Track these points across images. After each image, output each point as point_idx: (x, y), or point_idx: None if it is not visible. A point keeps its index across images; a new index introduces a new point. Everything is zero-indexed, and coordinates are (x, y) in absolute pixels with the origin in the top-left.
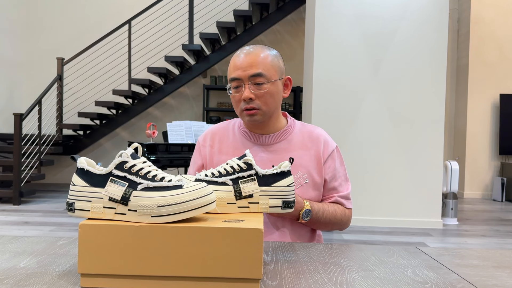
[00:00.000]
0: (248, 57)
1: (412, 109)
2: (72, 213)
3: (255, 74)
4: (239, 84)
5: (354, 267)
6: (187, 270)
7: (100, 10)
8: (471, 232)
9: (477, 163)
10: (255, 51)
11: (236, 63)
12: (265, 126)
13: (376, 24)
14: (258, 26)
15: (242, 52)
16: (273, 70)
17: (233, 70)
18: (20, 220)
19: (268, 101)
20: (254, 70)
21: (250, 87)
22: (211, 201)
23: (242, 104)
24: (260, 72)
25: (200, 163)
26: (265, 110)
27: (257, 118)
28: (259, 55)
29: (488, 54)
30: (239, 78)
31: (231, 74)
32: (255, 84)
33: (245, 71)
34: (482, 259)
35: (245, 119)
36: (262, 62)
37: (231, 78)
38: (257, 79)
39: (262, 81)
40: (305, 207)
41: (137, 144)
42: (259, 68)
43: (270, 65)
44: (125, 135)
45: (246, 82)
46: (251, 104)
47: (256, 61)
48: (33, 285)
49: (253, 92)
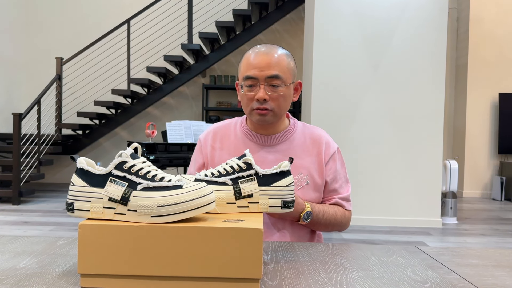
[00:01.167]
0: (266, 57)
1: (411, 108)
2: (72, 213)
3: (272, 75)
4: (254, 83)
5: (354, 266)
6: (187, 270)
7: (99, 10)
8: (470, 231)
9: (476, 162)
10: (272, 52)
11: (253, 62)
12: (271, 127)
13: (375, 23)
14: (257, 25)
15: (260, 50)
16: (288, 73)
17: (249, 68)
18: (20, 220)
19: (281, 104)
20: (271, 72)
21: (265, 88)
22: (210, 201)
23: (254, 104)
24: (278, 74)
25: (201, 162)
26: (277, 112)
27: (268, 118)
28: (277, 57)
29: (487, 53)
30: (255, 78)
31: (246, 72)
32: (271, 85)
33: (262, 71)
34: (482, 258)
35: (255, 118)
36: (280, 64)
37: (246, 76)
38: (273, 81)
39: (279, 84)
40: (306, 209)
41: (136, 144)
42: (277, 70)
43: (287, 68)
44: (125, 135)
45: (262, 83)
46: (265, 105)
47: (275, 62)
48: (33, 285)
49: (268, 94)
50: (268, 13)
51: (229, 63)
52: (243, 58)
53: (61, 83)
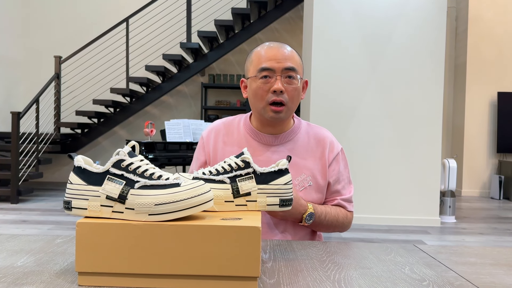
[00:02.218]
0: (283, 50)
1: (410, 107)
2: (69, 211)
3: (289, 67)
4: (270, 75)
5: (352, 265)
6: (185, 268)
7: (97, 9)
8: (468, 230)
9: (475, 161)
10: (285, 46)
11: (269, 54)
12: (279, 126)
13: (374, 22)
14: (256, 24)
15: (274, 44)
16: (301, 68)
17: (266, 59)
18: (18, 219)
19: (295, 98)
20: (288, 63)
21: (282, 79)
22: (208, 199)
23: (270, 96)
24: (294, 67)
25: (203, 159)
26: (290, 106)
27: (282, 115)
28: (290, 50)
29: (486, 52)
30: (272, 69)
31: (262, 63)
32: (287, 77)
33: (280, 63)
34: (480, 256)
35: (268, 115)
36: (294, 58)
37: (262, 67)
38: (290, 72)
39: (294, 76)
40: (309, 210)
41: (134, 142)
42: (292, 63)
43: (299, 63)
44: (123, 134)
45: (279, 74)
46: (280, 97)
47: (291, 56)
48: (31, 284)
49: (284, 86)
50: (267, 12)
51: (228, 62)
52: (252, 53)
53: (60, 82)
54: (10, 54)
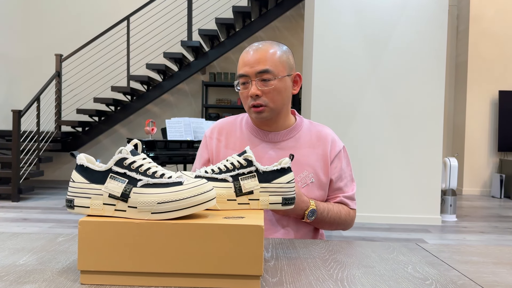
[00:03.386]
0: (256, 53)
1: (411, 105)
2: (72, 209)
3: (262, 70)
4: (247, 81)
5: (354, 263)
6: (187, 267)
7: (98, 7)
8: (469, 229)
9: (476, 160)
10: (263, 47)
11: (245, 60)
12: (273, 123)
13: (375, 20)
14: (257, 22)
15: (251, 48)
16: (281, 66)
17: (241, 66)
18: (19, 217)
19: (275, 98)
20: (261, 67)
21: (257, 83)
22: (211, 197)
23: (250, 101)
24: (267, 69)
25: (207, 157)
26: (272, 107)
27: (264, 115)
28: (267, 51)
29: (487, 51)
30: (246, 75)
31: (239, 70)
32: (262, 80)
33: (252, 68)
34: (482, 255)
35: (253, 115)
36: (270, 58)
37: (239, 74)
38: (263, 75)
39: (269, 78)
40: (311, 206)
41: (136, 141)
42: (267, 65)
43: (278, 61)
44: (124, 132)
45: (253, 79)
46: (258, 100)
47: (264, 57)
48: (33, 282)
49: (260, 89)
50: (268, 10)
51: (228, 60)
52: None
53: (61, 80)
54: (11, 52)
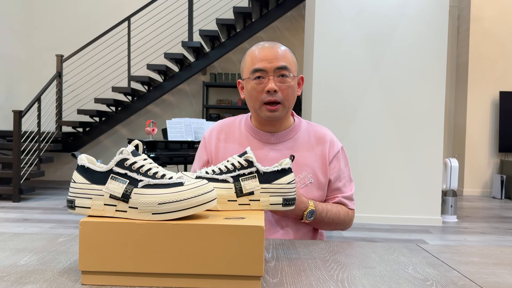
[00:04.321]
0: (273, 49)
1: (411, 106)
2: (73, 210)
3: (281, 66)
4: (263, 75)
5: (355, 264)
6: (188, 268)
7: (99, 7)
8: (470, 230)
9: (476, 161)
10: (277, 45)
11: (261, 54)
12: (276, 124)
13: (376, 20)
14: (257, 23)
15: (264, 45)
16: (294, 66)
17: (258, 60)
18: (20, 217)
19: (290, 96)
20: (280, 63)
21: (275, 79)
22: (212, 198)
23: (265, 96)
24: (286, 65)
25: (206, 158)
26: (286, 104)
27: (277, 114)
28: (282, 49)
29: (487, 51)
30: (264, 69)
31: (255, 64)
32: (280, 76)
33: (271, 63)
34: (483, 256)
35: (264, 114)
36: (286, 56)
37: (255, 68)
38: (282, 71)
39: (287, 74)
40: (310, 207)
41: (137, 141)
42: (285, 61)
43: (292, 61)
44: (125, 132)
45: (271, 74)
46: (275, 96)
47: (282, 54)
48: (34, 282)
49: (278, 85)
50: (269, 10)
51: (229, 61)
52: (246, 55)
53: (61, 81)
54: (12, 52)
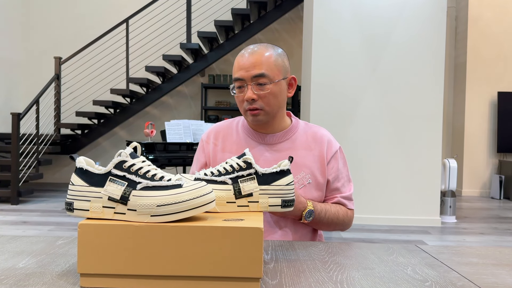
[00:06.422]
0: (252, 57)
1: (410, 107)
2: (71, 212)
3: (257, 74)
4: (242, 84)
5: (354, 265)
6: (187, 270)
7: (97, 9)
8: (469, 230)
9: (475, 161)
10: (259, 51)
11: (240, 63)
12: (269, 126)
13: (374, 22)
14: (256, 24)
15: (247, 51)
16: (276, 70)
17: (237, 70)
18: (19, 220)
19: (271, 102)
20: (256, 71)
21: (253, 87)
22: (210, 200)
23: (246, 104)
24: (263, 73)
25: (204, 161)
26: (268, 110)
27: (260, 118)
28: (263, 55)
29: (486, 52)
30: (242, 79)
31: (235, 74)
32: (258, 84)
33: (248, 72)
34: (482, 257)
35: (249, 119)
36: (266, 62)
37: (235, 78)
38: (259, 79)
39: (265, 82)
40: (308, 207)
41: (136, 143)
42: (262, 69)
43: (274, 65)
44: (123, 134)
45: (249, 83)
46: (254, 104)
47: (260, 61)
48: (33, 285)
49: (256, 93)
50: (267, 12)
51: (228, 63)
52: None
53: (60, 83)
54: (10, 55)
